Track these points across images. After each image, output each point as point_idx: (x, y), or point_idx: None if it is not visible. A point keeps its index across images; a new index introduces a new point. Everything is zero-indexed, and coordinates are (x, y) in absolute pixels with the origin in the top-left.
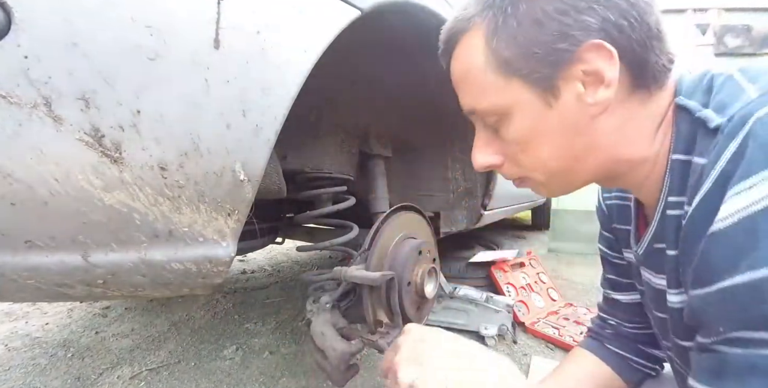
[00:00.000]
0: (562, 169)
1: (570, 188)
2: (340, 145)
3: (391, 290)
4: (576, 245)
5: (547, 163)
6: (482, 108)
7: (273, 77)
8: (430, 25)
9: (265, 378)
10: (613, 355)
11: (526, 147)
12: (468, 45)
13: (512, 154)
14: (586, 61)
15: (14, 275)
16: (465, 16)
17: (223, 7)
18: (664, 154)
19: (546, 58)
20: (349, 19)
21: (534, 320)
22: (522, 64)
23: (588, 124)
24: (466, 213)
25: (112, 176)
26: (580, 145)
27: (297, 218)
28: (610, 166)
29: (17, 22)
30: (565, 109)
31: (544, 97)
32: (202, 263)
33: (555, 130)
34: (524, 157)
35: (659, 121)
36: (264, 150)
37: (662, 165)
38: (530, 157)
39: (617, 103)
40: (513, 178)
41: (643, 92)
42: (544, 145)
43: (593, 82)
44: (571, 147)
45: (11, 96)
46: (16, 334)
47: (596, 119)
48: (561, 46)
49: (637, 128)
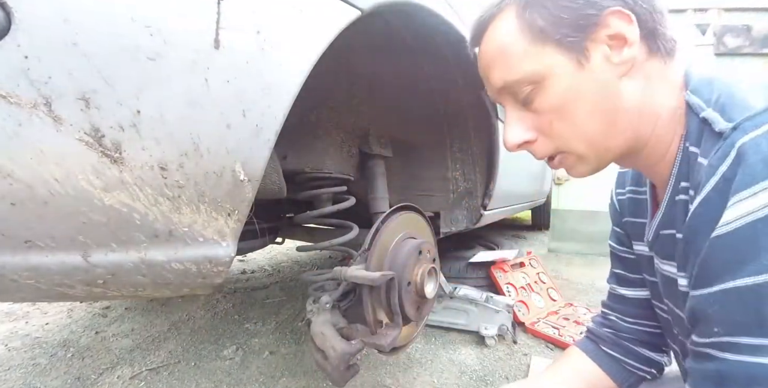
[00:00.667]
0: (598, 134)
1: (606, 159)
2: (340, 145)
3: (391, 290)
4: (576, 245)
5: (584, 127)
6: (517, 78)
7: (273, 77)
8: (431, 26)
9: (265, 378)
10: (606, 357)
11: (563, 113)
12: (500, 25)
13: (547, 125)
14: (609, 25)
15: (14, 275)
16: (494, 2)
17: (223, 7)
18: (678, 140)
19: (575, 22)
20: (349, 19)
21: (534, 320)
22: (554, 30)
23: (617, 84)
24: (466, 213)
25: (112, 176)
26: (613, 106)
27: (297, 218)
28: (638, 129)
29: (17, 22)
30: (596, 69)
31: (576, 59)
32: (202, 263)
33: (589, 90)
34: (560, 126)
35: (676, 95)
36: (264, 150)
37: (674, 151)
38: (567, 123)
39: (638, 65)
40: (548, 155)
41: (657, 59)
42: (580, 108)
43: (617, 45)
44: (605, 108)
45: (11, 96)
46: (16, 334)
47: (623, 80)
48: (588, 11)
49: (657, 91)
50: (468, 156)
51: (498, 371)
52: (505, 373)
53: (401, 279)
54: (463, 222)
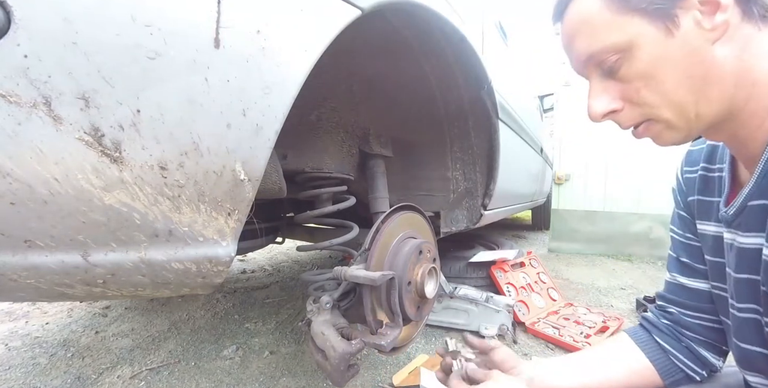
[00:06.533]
0: (688, 102)
1: (696, 128)
2: (341, 144)
3: (392, 290)
4: (576, 245)
5: (674, 95)
6: (603, 47)
7: (273, 77)
8: (431, 25)
9: (265, 378)
10: (656, 347)
11: (651, 81)
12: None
13: (634, 94)
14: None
15: (14, 275)
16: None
17: (223, 7)
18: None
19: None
20: (349, 18)
21: (534, 320)
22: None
23: (708, 50)
24: (467, 213)
25: (112, 176)
26: (704, 73)
27: (297, 217)
28: (732, 97)
29: (17, 21)
30: (686, 35)
31: (665, 26)
32: (202, 262)
33: (678, 57)
34: (648, 94)
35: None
36: (264, 150)
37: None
38: (655, 91)
39: (732, 30)
40: (635, 124)
41: (751, 24)
42: (669, 76)
43: (708, 11)
44: (695, 75)
45: (11, 95)
46: (17, 333)
47: (715, 45)
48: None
49: (754, 56)
50: (468, 156)
51: None
52: None
53: (401, 279)
54: (464, 222)
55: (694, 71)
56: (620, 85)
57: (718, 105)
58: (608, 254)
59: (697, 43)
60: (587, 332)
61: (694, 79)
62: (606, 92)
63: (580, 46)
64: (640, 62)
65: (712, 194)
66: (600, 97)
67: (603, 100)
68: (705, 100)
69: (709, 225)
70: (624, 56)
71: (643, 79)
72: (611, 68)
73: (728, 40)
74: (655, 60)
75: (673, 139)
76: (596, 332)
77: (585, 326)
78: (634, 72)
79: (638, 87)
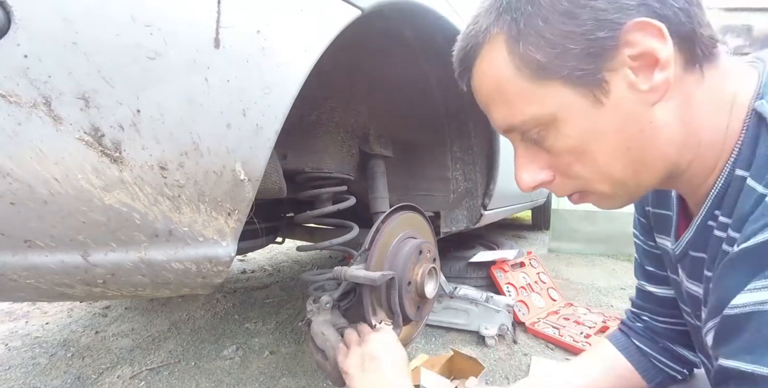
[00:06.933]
0: (627, 174)
1: (638, 195)
2: (341, 144)
3: (392, 290)
4: (576, 245)
5: (610, 169)
6: (522, 121)
7: (273, 77)
8: (431, 25)
9: (265, 378)
10: (636, 351)
11: (581, 156)
12: (490, 58)
13: (565, 167)
14: (633, 43)
15: (14, 275)
16: (478, 28)
17: (223, 7)
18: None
19: (586, 51)
20: (349, 18)
21: (534, 320)
22: (559, 64)
23: (647, 114)
24: (466, 213)
25: (112, 176)
26: (644, 142)
27: (297, 217)
28: (677, 159)
29: (17, 21)
30: (619, 103)
31: (592, 95)
32: (202, 262)
33: (611, 129)
34: (581, 168)
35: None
36: (264, 150)
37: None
38: (588, 166)
39: (673, 85)
40: (569, 194)
41: (695, 71)
42: (603, 150)
43: (644, 65)
44: (633, 146)
45: (11, 95)
46: (17, 333)
47: (654, 108)
48: (600, 34)
49: (697, 111)
50: (468, 156)
51: (498, 371)
52: (505, 373)
53: (401, 279)
54: (464, 222)
55: (633, 142)
56: (548, 155)
57: (661, 172)
58: (608, 254)
59: (633, 109)
60: (587, 332)
61: (633, 150)
62: (533, 162)
63: (497, 116)
64: (567, 138)
65: (667, 207)
66: (527, 168)
67: (530, 171)
68: (646, 171)
69: (666, 239)
70: (548, 128)
71: (573, 155)
72: (536, 140)
73: (670, 97)
74: (584, 134)
75: (613, 206)
76: (596, 332)
77: (585, 326)
78: (562, 147)
79: (569, 161)
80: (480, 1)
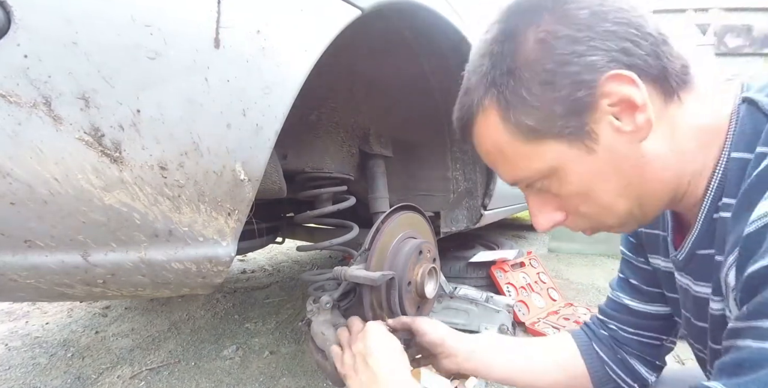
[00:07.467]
0: (632, 207)
1: (648, 220)
2: (340, 145)
3: (392, 290)
4: (576, 245)
5: (614, 206)
6: (526, 176)
7: (273, 77)
8: (431, 25)
9: (265, 378)
10: (595, 356)
11: (587, 198)
12: (486, 126)
13: (574, 208)
14: (609, 94)
15: (14, 275)
16: (470, 102)
17: (223, 7)
18: (714, 157)
19: (570, 110)
20: (349, 18)
21: (534, 319)
22: (549, 125)
23: (638, 150)
24: (467, 213)
25: (112, 176)
26: (640, 176)
27: (297, 217)
28: (677, 184)
29: (17, 21)
30: (609, 146)
31: (584, 145)
32: (202, 262)
33: (609, 170)
34: (588, 208)
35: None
36: (264, 150)
37: (710, 168)
38: (595, 206)
39: (657, 121)
40: (583, 230)
41: (674, 101)
42: (605, 190)
43: (625, 109)
44: (632, 181)
45: (11, 95)
46: (17, 333)
47: (644, 144)
48: (579, 94)
49: (686, 135)
50: (468, 156)
51: None
52: None
53: (401, 279)
54: (464, 222)
55: (630, 178)
56: (557, 199)
57: (665, 198)
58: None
59: (623, 150)
60: None
61: (633, 185)
62: (545, 205)
63: (502, 172)
64: (570, 185)
65: (658, 227)
66: (541, 211)
67: (545, 215)
68: (649, 200)
69: (658, 259)
70: (551, 179)
71: (579, 197)
72: (542, 189)
73: (657, 128)
74: (584, 179)
75: (627, 231)
76: None
77: None
78: (567, 192)
79: (576, 203)
80: (467, 72)
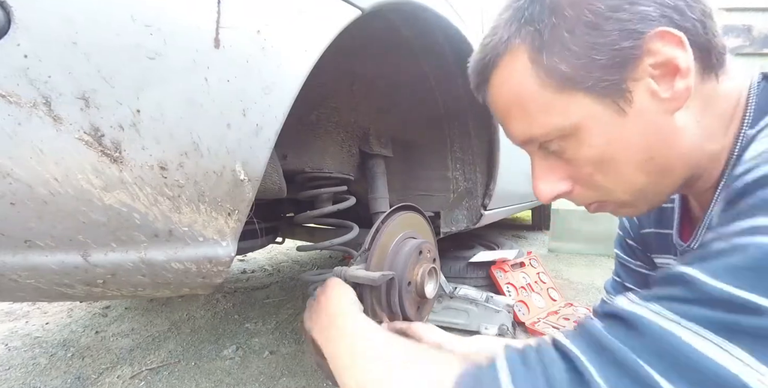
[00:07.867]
0: (648, 183)
1: (658, 203)
2: (341, 144)
3: (392, 290)
4: (576, 245)
5: (632, 178)
6: (543, 133)
7: (273, 77)
8: (431, 25)
9: (265, 378)
10: None
11: (604, 166)
12: (510, 69)
13: (586, 177)
14: (654, 52)
15: (14, 275)
16: (498, 40)
17: (223, 7)
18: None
19: (611, 61)
20: (349, 18)
21: (534, 320)
22: (585, 75)
23: (669, 122)
24: (467, 213)
25: (112, 176)
26: (665, 150)
27: (297, 217)
28: (696, 165)
29: (17, 21)
30: (641, 112)
31: (616, 105)
32: (202, 262)
33: (635, 138)
34: (603, 178)
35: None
36: (264, 150)
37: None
38: (611, 176)
39: (693, 94)
40: (588, 204)
41: (712, 78)
42: (626, 160)
43: (665, 74)
44: (655, 155)
45: (11, 95)
46: (16, 333)
47: (675, 116)
48: (624, 44)
49: (715, 117)
50: (468, 156)
51: None
52: None
53: (401, 279)
54: (464, 222)
55: (654, 151)
56: (568, 166)
57: (682, 178)
58: (608, 254)
59: (655, 118)
60: None
61: (656, 158)
62: (552, 172)
63: (516, 127)
64: (590, 148)
65: (668, 227)
66: (546, 179)
67: (550, 182)
68: (668, 177)
69: (668, 258)
70: (569, 139)
71: (595, 165)
72: (556, 151)
73: (690, 103)
74: (607, 144)
75: (632, 214)
76: None
77: None
78: (584, 157)
79: (590, 172)
80: (497, 14)
